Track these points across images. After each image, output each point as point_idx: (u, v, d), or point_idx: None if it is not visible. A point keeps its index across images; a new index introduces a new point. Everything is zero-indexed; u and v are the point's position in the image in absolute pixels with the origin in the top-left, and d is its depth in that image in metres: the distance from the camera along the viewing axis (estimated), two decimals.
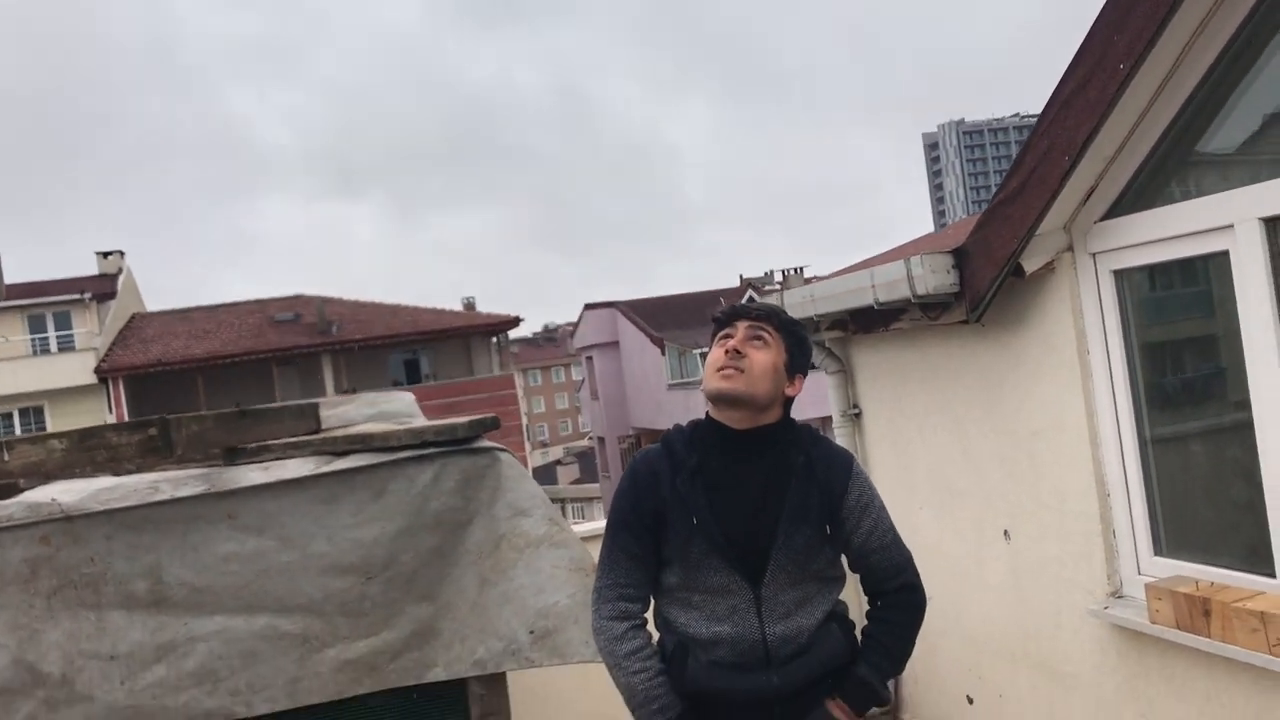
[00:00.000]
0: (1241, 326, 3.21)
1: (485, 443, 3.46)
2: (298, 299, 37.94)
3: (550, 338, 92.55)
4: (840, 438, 5.61)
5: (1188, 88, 3.30)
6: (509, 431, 34.03)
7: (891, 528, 2.64)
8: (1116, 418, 3.79)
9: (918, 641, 2.65)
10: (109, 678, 3.12)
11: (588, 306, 43.37)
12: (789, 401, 2.61)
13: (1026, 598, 4.36)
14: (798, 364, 2.62)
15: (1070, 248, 3.88)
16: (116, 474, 3.35)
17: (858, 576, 2.70)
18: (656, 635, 2.66)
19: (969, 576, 4.74)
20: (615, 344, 42.10)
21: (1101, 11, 3.30)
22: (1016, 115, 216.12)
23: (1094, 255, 3.80)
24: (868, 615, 2.67)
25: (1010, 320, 4.19)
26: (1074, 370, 3.90)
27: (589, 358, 44.45)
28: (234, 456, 3.48)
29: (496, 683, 3.45)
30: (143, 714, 3.14)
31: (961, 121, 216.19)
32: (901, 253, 8.14)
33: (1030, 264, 3.91)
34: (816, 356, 5.56)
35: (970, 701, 4.89)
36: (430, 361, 36.64)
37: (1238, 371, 3.27)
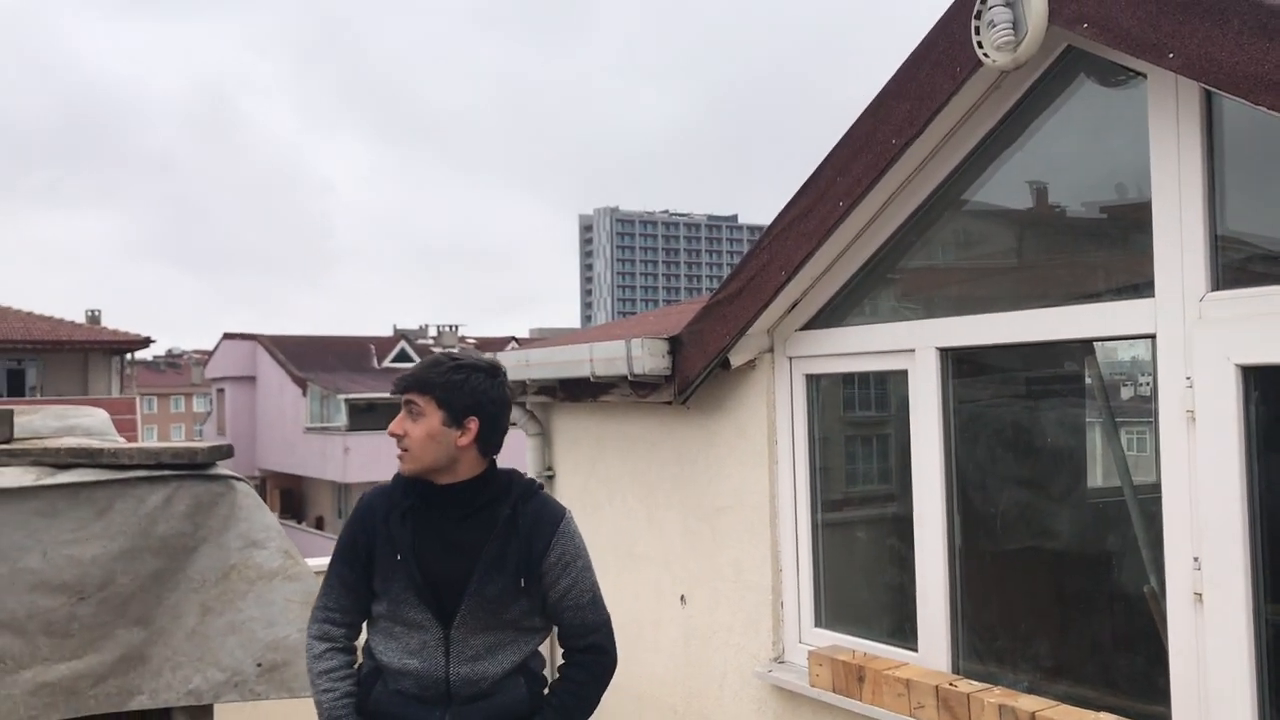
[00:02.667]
0: (912, 436, 3.81)
1: (222, 470, 3.42)
2: None
3: (173, 363, 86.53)
4: None
5: (891, 228, 3.91)
6: None
7: (592, 589, 2.81)
8: (795, 501, 4.32)
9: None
10: None
11: (226, 336, 41.19)
12: (490, 445, 2.77)
13: (695, 659, 4.79)
14: (457, 414, 2.71)
15: (771, 349, 4.41)
16: None
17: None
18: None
19: (643, 639, 5.12)
20: (252, 379, 40.20)
21: (831, 152, 3.85)
22: (665, 211, 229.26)
23: (791, 358, 4.35)
24: (558, 669, 2.83)
25: (711, 406, 4.66)
26: (762, 455, 4.41)
27: (220, 390, 42.07)
28: None
29: (203, 714, 3.37)
30: None
31: (616, 209, 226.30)
32: (585, 335, 8.61)
33: (736, 359, 4.39)
34: (519, 417, 5.82)
35: None
36: (39, 374, 33.31)
37: (904, 472, 3.87)
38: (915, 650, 3.82)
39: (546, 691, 2.83)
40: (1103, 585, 3.53)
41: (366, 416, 35.09)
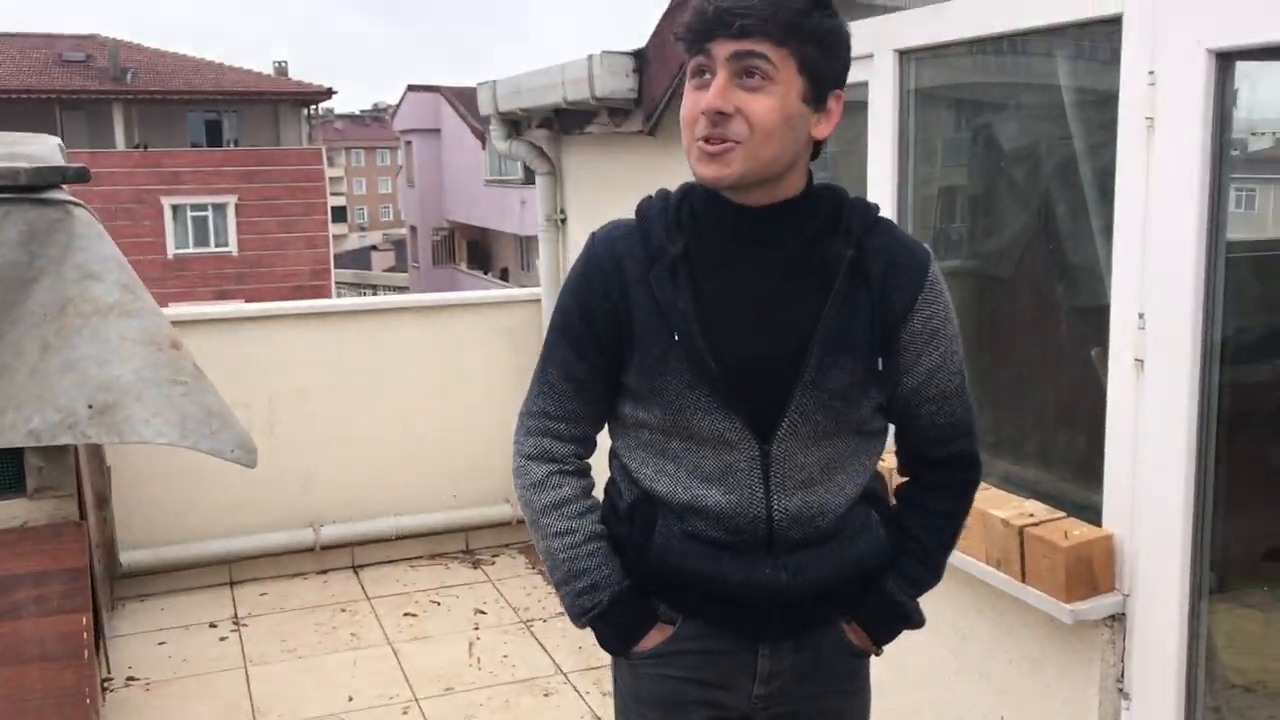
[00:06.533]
0: (869, 164, 3.13)
1: (60, 195, 3.11)
2: (91, 39, 34.85)
3: (378, 117, 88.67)
4: (544, 243, 5.44)
5: None
6: (313, 210, 32.82)
7: (961, 368, 1.79)
8: None
9: None
10: None
11: (410, 88, 41.55)
12: (819, 146, 1.69)
13: None
14: (824, 85, 1.60)
15: None
16: None
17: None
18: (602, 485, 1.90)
19: None
20: (437, 131, 40.66)
21: None
22: None
23: None
24: (902, 495, 1.87)
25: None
26: None
27: (408, 142, 42.87)
28: None
29: (60, 456, 3.22)
30: None
31: None
32: None
33: None
34: (525, 153, 5.32)
35: None
36: (235, 125, 34.57)
37: None
38: None
39: (893, 525, 1.83)
40: (1051, 346, 2.85)
41: None
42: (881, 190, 3.06)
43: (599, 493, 1.83)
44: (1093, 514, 2.45)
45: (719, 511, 1.68)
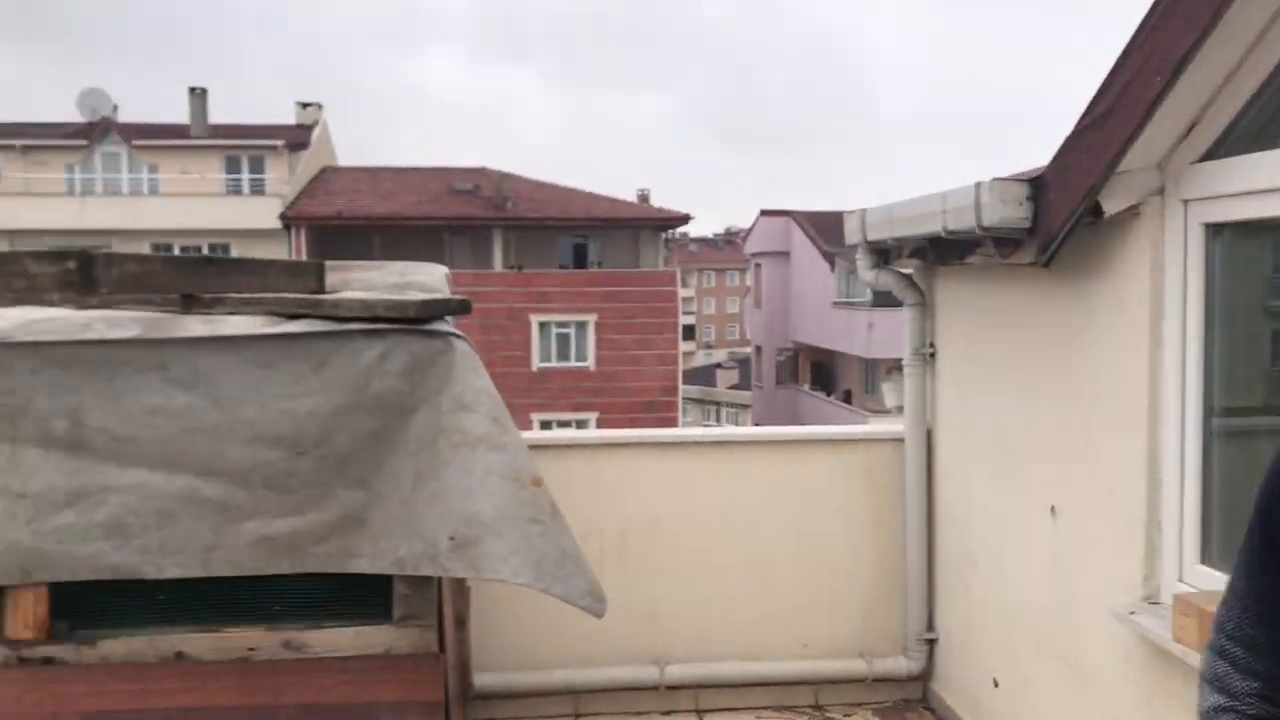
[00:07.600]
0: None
1: (443, 326, 3.16)
2: (479, 171, 38.39)
3: (730, 240, 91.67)
4: (910, 378, 5.11)
5: None
6: (666, 329, 34.02)
7: None
8: (1183, 394, 3.21)
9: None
10: (15, 515, 3.01)
11: (763, 213, 42.58)
12: None
13: (1062, 584, 3.84)
14: None
15: (1161, 191, 3.27)
16: (49, 304, 3.20)
17: None
18: None
19: (1014, 548, 4.24)
20: (786, 254, 41.25)
21: None
22: None
23: (1185, 202, 3.19)
24: None
25: (1084, 267, 3.60)
26: (1141, 334, 3.32)
27: (758, 264, 43.79)
28: (190, 305, 3.29)
29: (424, 586, 3.21)
30: (46, 558, 3.03)
31: None
32: None
33: (1111, 204, 3.31)
34: (893, 283, 5.05)
35: (996, 685, 4.42)
36: (598, 249, 36.69)
37: None
38: None
39: None
40: None
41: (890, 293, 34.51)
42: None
43: None
44: None
45: None
